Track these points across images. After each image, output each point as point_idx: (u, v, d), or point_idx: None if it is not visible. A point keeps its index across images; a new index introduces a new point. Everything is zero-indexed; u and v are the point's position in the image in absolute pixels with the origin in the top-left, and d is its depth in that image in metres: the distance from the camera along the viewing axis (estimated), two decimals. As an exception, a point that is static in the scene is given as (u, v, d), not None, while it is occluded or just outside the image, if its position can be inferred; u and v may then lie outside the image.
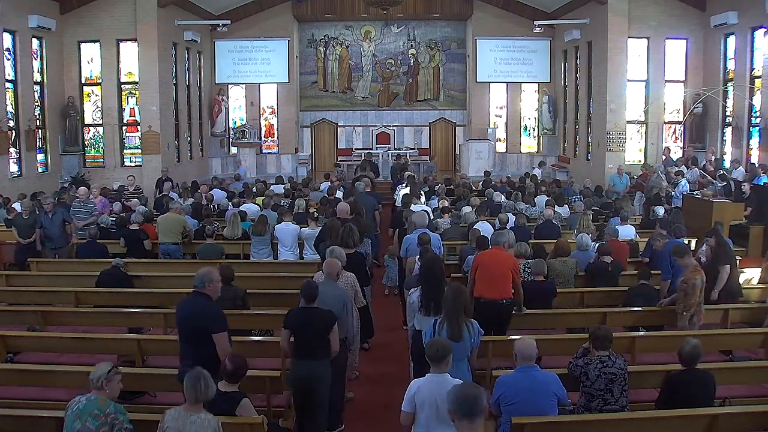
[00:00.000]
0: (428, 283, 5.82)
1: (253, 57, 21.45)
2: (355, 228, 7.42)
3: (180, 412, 4.06)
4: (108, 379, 4.19)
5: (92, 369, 4.27)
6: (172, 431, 4.00)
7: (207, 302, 5.00)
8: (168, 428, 4.02)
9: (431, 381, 4.11)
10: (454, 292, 5.09)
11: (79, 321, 7.50)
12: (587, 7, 17.92)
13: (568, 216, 11.45)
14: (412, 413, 4.09)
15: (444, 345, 4.25)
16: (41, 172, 16.04)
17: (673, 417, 4.75)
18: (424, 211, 9.37)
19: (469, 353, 5.01)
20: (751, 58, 14.94)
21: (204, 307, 4.94)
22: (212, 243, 9.44)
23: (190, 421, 3.99)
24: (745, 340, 6.80)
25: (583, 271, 8.18)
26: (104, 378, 4.18)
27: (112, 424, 4.10)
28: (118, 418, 4.13)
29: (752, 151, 14.81)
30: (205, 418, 4.00)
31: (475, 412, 3.17)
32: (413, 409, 4.08)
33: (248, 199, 12.25)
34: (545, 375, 4.62)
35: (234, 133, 21.37)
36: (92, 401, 4.15)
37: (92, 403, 4.13)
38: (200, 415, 4.01)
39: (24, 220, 10.45)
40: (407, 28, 22.95)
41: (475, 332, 5.03)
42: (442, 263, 6.41)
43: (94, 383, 4.20)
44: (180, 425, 3.98)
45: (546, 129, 21.55)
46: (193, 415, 4.00)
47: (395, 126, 22.94)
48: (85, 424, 4.07)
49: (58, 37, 16.66)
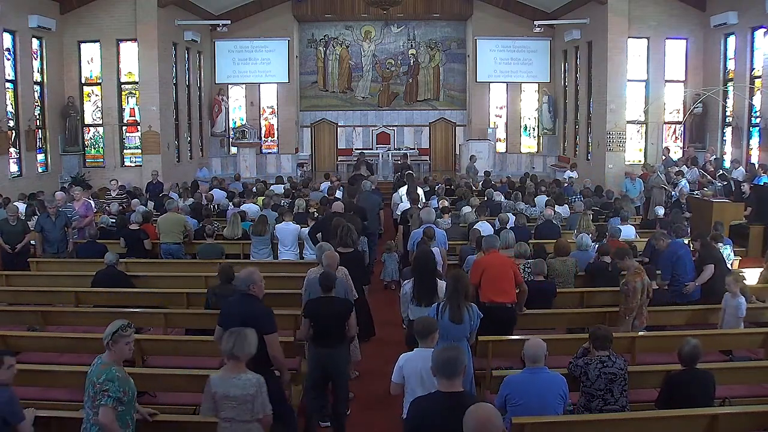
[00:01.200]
0: (420, 275, 6.15)
1: (253, 57, 21.46)
2: (353, 227, 7.49)
3: (223, 375, 4.12)
4: (114, 340, 3.98)
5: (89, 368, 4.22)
6: (220, 395, 4.07)
7: (257, 303, 5.04)
8: (215, 393, 4.09)
9: (418, 355, 4.44)
10: (454, 279, 5.38)
11: (79, 321, 7.48)
12: (587, 7, 17.93)
13: (568, 216, 11.45)
14: (401, 384, 4.46)
15: (430, 322, 4.63)
16: (41, 172, 16.04)
17: (673, 417, 4.74)
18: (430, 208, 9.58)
19: (468, 334, 5.31)
20: (751, 58, 14.94)
21: (254, 309, 4.95)
22: (212, 243, 9.44)
23: (232, 384, 4.07)
24: (745, 340, 6.79)
25: (583, 271, 8.18)
26: (110, 338, 3.99)
27: (100, 392, 3.87)
28: (105, 385, 3.86)
29: (752, 151, 14.82)
30: (246, 378, 4.09)
31: (454, 373, 3.57)
32: (402, 380, 4.45)
33: (248, 199, 12.25)
34: (553, 377, 4.62)
35: (234, 133, 21.37)
36: (96, 366, 4.00)
37: (95, 369, 4.00)
38: (241, 376, 4.09)
39: (11, 227, 9.69)
40: (407, 28, 22.96)
41: (474, 315, 5.33)
42: (433, 256, 6.55)
43: (104, 342, 4.03)
44: (225, 388, 4.06)
45: (546, 129, 21.56)
46: (234, 378, 4.08)
47: (395, 126, 22.95)
48: (88, 391, 3.98)
49: (58, 37, 16.66)
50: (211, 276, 8.18)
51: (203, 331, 6.88)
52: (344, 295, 6.07)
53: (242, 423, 4.09)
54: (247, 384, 4.07)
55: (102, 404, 3.84)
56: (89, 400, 3.98)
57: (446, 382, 3.59)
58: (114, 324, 4.08)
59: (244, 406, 4.07)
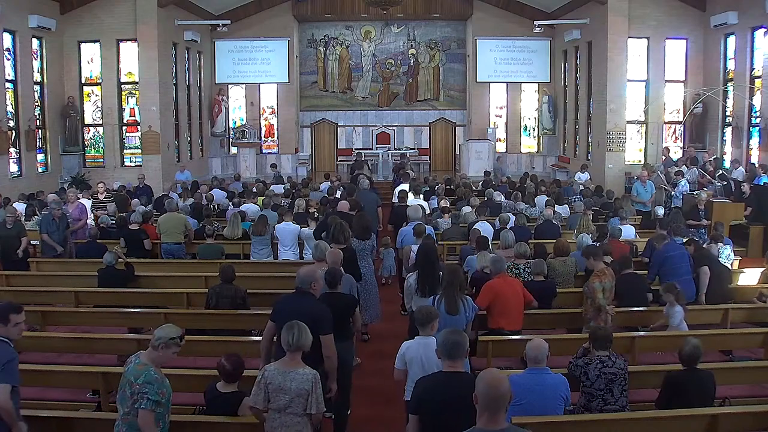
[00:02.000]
0: (424, 268, 6.38)
1: (253, 57, 21.45)
2: (346, 225, 7.63)
3: (279, 367, 4.22)
4: (167, 345, 3.97)
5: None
6: (274, 387, 4.16)
7: (315, 302, 5.08)
8: (270, 384, 4.17)
9: (419, 342, 4.71)
10: (450, 272, 5.70)
11: (79, 321, 7.50)
12: (587, 7, 17.93)
13: (568, 216, 11.45)
14: (404, 369, 4.72)
15: (430, 311, 4.86)
16: (41, 172, 16.04)
17: (673, 417, 4.74)
18: (418, 205, 9.77)
19: (464, 326, 5.47)
20: (751, 58, 14.94)
21: (312, 308, 4.97)
22: (212, 243, 9.45)
23: (290, 378, 4.16)
24: (745, 340, 6.80)
25: (583, 271, 8.17)
26: (163, 342, 3.97)
27: (138, 394, 3.84)
28: (144, 388, 3.84)
29: (752, 151, 14.82)
30: (303, 373, 4.19)
31: (457, 354, 3.95)
32: (404, 366, 4.70)
33: (248, 199, 12.25)
34: (555, 378, 4.63)
35: (234, 133, 21.37)
36: (133, 366, 3.97)
37: (132, 368, 3.96)
38: (298, 371, 4.19)
39: (6, 230, 9.23)
40: (407, 28, 22.95)
41: (469, 307, 5.59)
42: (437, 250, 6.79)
43: (153, 342, 3.99)
44: (282, 381, 4.16)
45: (546, 129, 21.56)
46: (292, 372, 4.18)
47: (395, 126, 22.94)
48: (124, 390, 3.95)
49: (58, 37, 16.66)
50: (211, 276, 8.20)
51: (203, 331, 6.90)
52: (349, 291, 6.14)
53: (292, 416, 4.17)
54: (303, 378, 4.17)
55: (141, 408, 3.83)
56: (124, 399, 3.94)
57: (450, 362, 3.95)
58: (170, 329, 4.06)
59: (298, 400, 4.15)
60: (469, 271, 7.86)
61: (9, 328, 4.26)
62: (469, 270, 7.85)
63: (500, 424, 3.07)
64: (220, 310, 6.93)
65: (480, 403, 3.11)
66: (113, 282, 8.07)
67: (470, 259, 8.00)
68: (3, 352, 4.19)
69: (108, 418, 4.88)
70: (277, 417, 4.18)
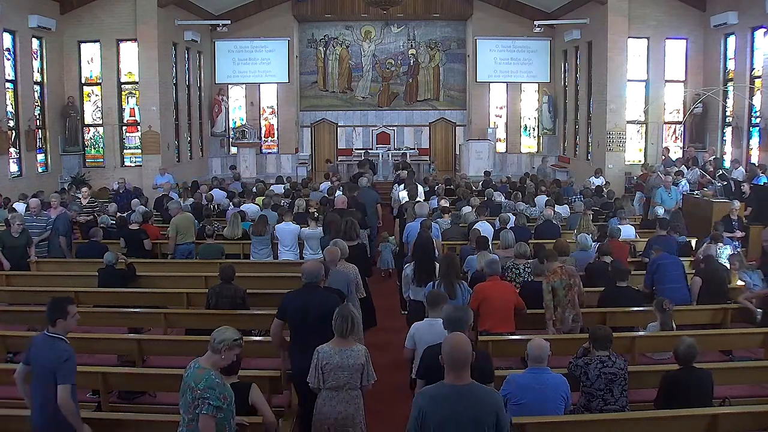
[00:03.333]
0: (421, 258, 6.80)
1: (253, 57, 21.45)
2: (356, 221, 7.88)
3: (334, 347, 4.55)
4: (229, 347, 3.97)
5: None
6: (333, 366, 4.50)
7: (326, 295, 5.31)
8: (326, 364, 4.50)
9: (427, 323, 5.21)
10: (447, 260, 6.21)
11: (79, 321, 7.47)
12: (587, 7, 17.93)
13: (568, 216, 11.45)
14: (413, 349, 5.15)
15: (439, 294, 5.45)
16: (41, 172, 16.04)
17: (673, 417, 4.75)
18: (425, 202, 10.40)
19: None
20: (751, 58, 14.94)
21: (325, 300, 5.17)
22: (212, 243, 9.44)
23: (347, 355, 4.52)
24: (745, 340, 6.79)
25: (582, 271, 8.17)
26: (225, 345, 3.95)
27: (199, 399, 3.80)
28: (206, 393, 3.79)
29: (752, 151, 14.82)
30: (357, 349, 4.59)
31: (461, 328, 4.37)
32: (413, 345, 5.12)
33: (248, 199, 12.25)
34: (555, 378, 4.64)
35: (234, 133, 21.37)
36: (193, 371, 3.93)
37: (192, 374, 3.92)
38: (353, 348, 4.58)
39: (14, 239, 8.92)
40: (407, 28, 22.95)
41: (465, 291, 6.16)
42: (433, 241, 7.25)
43: (213, 345, 3.97)
44: (339, 359, 4.51)
45: (546, 129, 21.57)
46: (347, 350, 4.54)
47: (395, 126, 22.94)
48: (185, 396, 3.91)
49: (58, 37, 16.66)
50: (211, 276, 8.20)
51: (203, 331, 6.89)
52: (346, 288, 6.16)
53: (350, 391, 4.56)
54: (358, 354, 4.56)
55: (202, 413, 3.79)
56: (186, 405, 3.91)
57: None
58: (230, 332, 4.05)
59: (356, 374, 4.53)
60: (469, 271, 7.87)
61: (68, 320, 4.30)
62: (469, 270, 7.85)
63: (465, 380, 3.54)
64: (220, 310, 6.93)
65: (446, 362, 3.55)
66: (113, 282, 8.08)
67: (470, 259, 8.00)
68: (61, 351, 4.19)
69: (108, 418, 4.90)
70: (335, 395, 4.53)
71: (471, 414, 3.45)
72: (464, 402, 3.46)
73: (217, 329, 4.09)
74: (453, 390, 3.50)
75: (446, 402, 3.48)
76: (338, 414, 4.52)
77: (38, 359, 4.21)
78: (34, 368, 4.23)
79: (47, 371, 4.13)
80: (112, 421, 4.85)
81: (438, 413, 3.46)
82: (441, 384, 3.56)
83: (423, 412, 3.50)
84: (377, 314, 7.88)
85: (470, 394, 3.50)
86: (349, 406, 4.54)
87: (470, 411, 3.45)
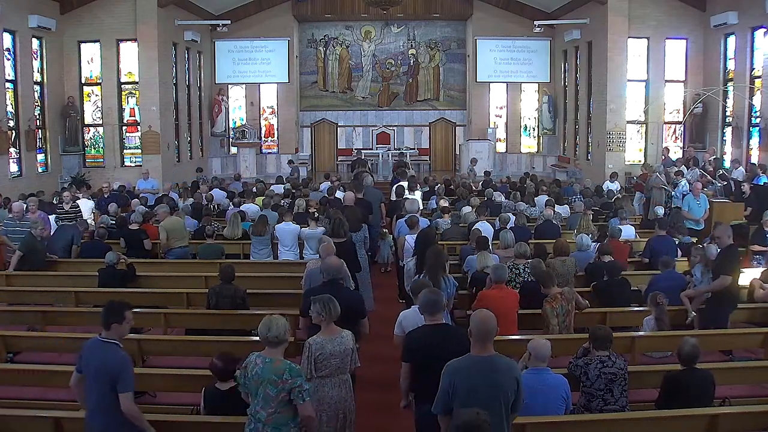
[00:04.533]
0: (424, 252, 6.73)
1: (253, 57, 21.46)
2: (344, 219, 8.10)
3: (324, 337, 4.64)
4: (287, 330, 4.17)
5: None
6: (325, 354, 4.59)
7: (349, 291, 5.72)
8: (320, 354, 4.58)
9: (413, 311, 5.37)
10: (434, 253, 6.36)
11: (79, 321, 7.48)
12: (587, 7, 17.93)
13: (568, 216, 11.45)
14: (402, 335, 5.19)
15: (423, 283, 5.67)
16: (41, 172, 16.03)
17: (673, 417, 4.75)
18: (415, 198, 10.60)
19: (446, 301, 5.69)
20: (751, 58, 14.94)
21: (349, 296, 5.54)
22: (212, 243, 9.44)
23: (337, 343, 4.64)
24: (745, 340, 6.79)
25: (582, 271, 8.17)
26: (283, 334, 4.11)
27: (289, 390, 3.98)
28: (296, 382, 4.00)
29: (752, 151, 14.81)
30: (345, 335, 4.72)
31: (435, 310, 4.69)
32: (402, 332, 5.20)
33: (248, 199, 12.25)
34: (555, 378, 4.64)
35: (234, 133, 21.37)
36: (267, 365, 4.05)
37: (267, 368, 4.03)
38: (342, 334, 4.70)
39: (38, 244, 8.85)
40: (407, 28, 22.95)
41: (450, 284, 6.30)
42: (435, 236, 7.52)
43: (270, 341, 4.09)
44: (331, 347, 4.61)
45: (546, 129, 21.57)
46: (337, 338, 4.66)
47: (395, 126, 22.94)
48: (266, 391, 4.01)
49: (58, 37, 16.65)
50: (211, 276, 8.20)
51: (203, 331, 6.90)
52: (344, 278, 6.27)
53: (341, 375, 4.69)
54: (347, 340, 4.70)
55: (302, 402, 4.03)
56: (267, 401, 4.01)
57: (430, 317, 4.70)
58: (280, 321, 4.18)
59: (346, 359, 4.67)
60: (469, 271, 7.87)
61: (123, 326, 4.26)
62: (469, 270, 7.85)
63: (489, 351, 4.00)
64: (220, 310, 6.93)
65: (473, 335, 4.00)
66: (113, 282, 8.07)
67: (470, 259, 8.00)
68: (118, 358, 4.15)
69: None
70: (328, 381, 4.65)
71: (494, 381, 3.88)
72: (488, 371, 3.92)
73: (262, 324, 4.17)
74: (479, 360, 3.96)
75: (472, 371, 3.93)
76: (331, 399, 4.65)
77: (92, 364, 4.14)
78: (88, 373, 4.17)
79: (102, 376, 4.08)
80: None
81: (466, 382, 3.89)
82: (468, 356, 4.01)
83: (453, 382, 3.90)
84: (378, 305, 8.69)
85: (493, 364, 3.95)
86: (341, 390, 4.70)
87: (493, 379, 3.88)
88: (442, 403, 3.98)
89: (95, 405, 4.15)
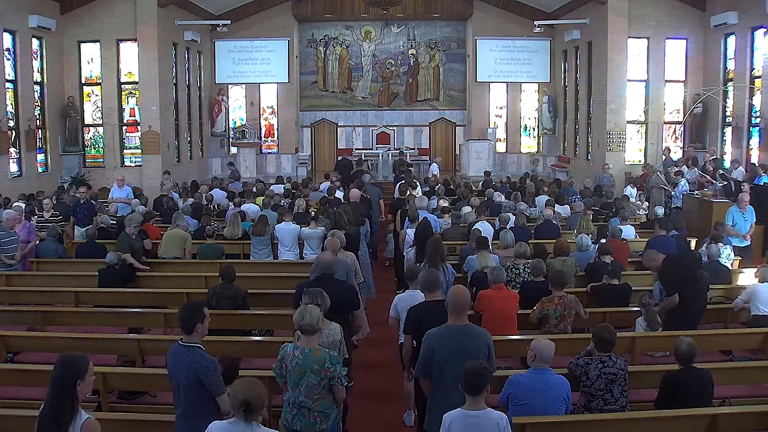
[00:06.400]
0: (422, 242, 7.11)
1: (253, 57, 21.44)
2: (344, 213, 8.61)
3: None
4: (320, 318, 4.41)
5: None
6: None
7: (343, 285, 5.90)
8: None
9: (408, 294, 5.88)
10: (434, 243, 6.70)
11: (79, 321, 7.49)
12: (587, 7, 17.92)
13: (568, 216, 11.45)
14: (397, 317, 5.80)
15: (414, 269, 6.12)
16: (41, 172, 16.03)
17: (673, 417, 4.75)
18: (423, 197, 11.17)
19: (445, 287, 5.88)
20: (751, 58, 14.93)
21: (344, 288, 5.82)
22: (212, 243, 9.44)
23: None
24: (745, 340, 6.79)
25: (582, 271, 8.17)
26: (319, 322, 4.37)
27: (330, 377, 4.26)
28: (337, 370, 4.29)
29: (752, 151, 14.81)
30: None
31: (434, 287, 5.27)
32: (397, 314, 5.78)
33: (248, 199, 12.25)
34: (557, 378, 4.65)
35: (234, 133, 21.36)
36: (308, 355, 4.29)
37: (309, 358, 4.28)
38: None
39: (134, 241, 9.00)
40: (407, 28, 22.94)
41: (449, 273, 6.67)
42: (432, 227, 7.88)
43: (304, 329, 4.32)
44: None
45: (546, 129, 21.56)
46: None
47: (395, 126, 22.92)
48: (309, 380, 4.26)
49: (58, 37, 16.65)
50: (211, 276, 8.21)
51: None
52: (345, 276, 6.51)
53: None
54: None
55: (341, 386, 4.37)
56: (311, 389, 4.28)
57: (430, 294, 5.26)
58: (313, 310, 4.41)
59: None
60: (469, 272, 7.87)
61: (204, 324, 4.25)
62: (469, 270, 7.86)
63: (463, 320, 4.61)
64: (220, 310, 6.92)
65: (450, 307, 4.60)
66: (113, 282, 8.08)
67: (470, 259, 8.00)
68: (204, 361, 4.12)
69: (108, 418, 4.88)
70: None
71: (468, 346, 4.45)
72: (462, 338, 4.52)
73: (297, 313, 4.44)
74: (454, 329, 4.56)
75: (449, 338, 4.51)
76: None
77: (179, 371, 4.15)
78: (175, 379, 4.20)
79: (190, 382, 4.10)
80: (112, 421, 4.84)
81: (442, 347, 4.48)
82: (445, 325, 4.57)
83: (431, 348, 4.48)
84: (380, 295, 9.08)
85: (467, 332, 4.57)
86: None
87: (467, 343, 4.47)
88: (422, 366, 4.53)
89: (183, 411, 4.20)
